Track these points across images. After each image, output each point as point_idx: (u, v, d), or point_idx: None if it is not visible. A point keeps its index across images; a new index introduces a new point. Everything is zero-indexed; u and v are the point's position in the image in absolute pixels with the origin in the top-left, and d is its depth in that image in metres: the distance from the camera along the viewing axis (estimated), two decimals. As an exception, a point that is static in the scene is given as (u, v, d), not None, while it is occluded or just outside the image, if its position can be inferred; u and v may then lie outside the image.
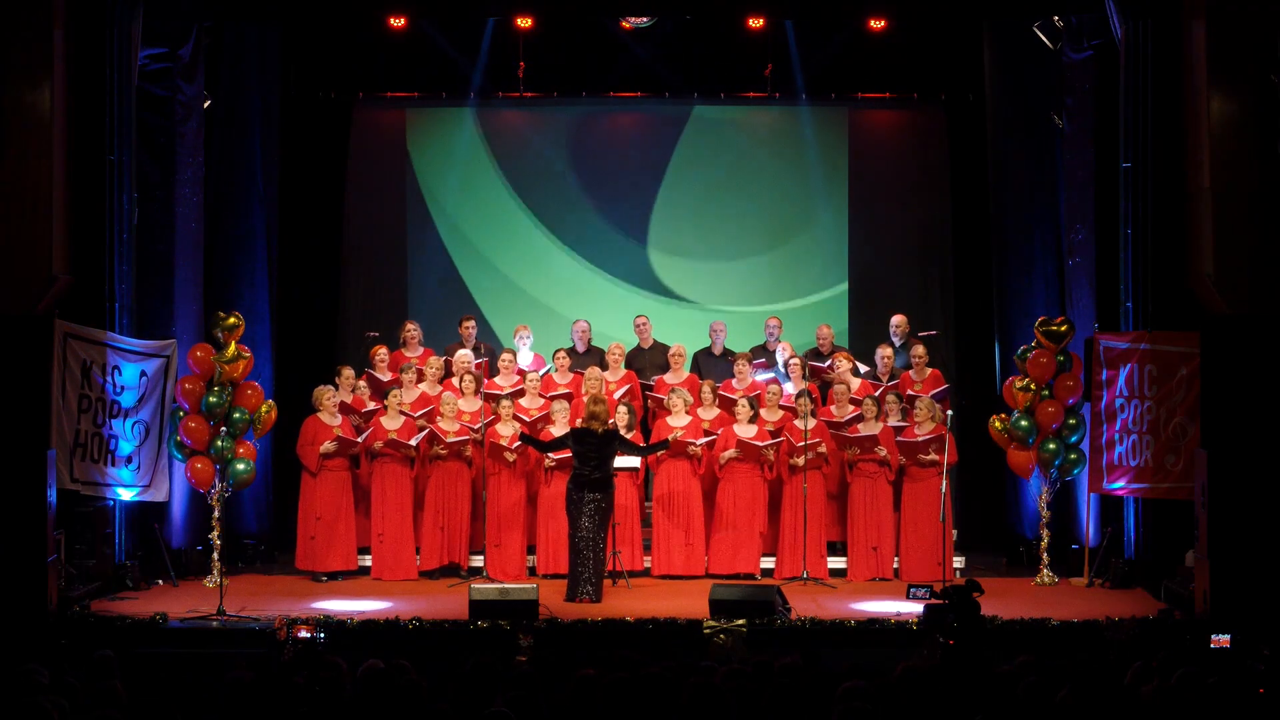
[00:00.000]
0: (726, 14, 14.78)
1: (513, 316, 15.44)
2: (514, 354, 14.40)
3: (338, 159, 15.86)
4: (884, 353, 14.40)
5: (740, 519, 13.57)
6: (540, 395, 14.00)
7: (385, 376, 14.18)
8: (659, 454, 13.44)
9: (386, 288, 16.05)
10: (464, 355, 14.19)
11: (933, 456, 13.34)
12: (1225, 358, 11.70)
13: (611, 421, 13.04)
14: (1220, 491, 11.57)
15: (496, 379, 14.20)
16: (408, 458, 13.60)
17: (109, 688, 7.54)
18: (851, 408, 13.78)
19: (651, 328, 14.91)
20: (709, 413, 13.84)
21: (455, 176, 16.09)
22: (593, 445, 12.76)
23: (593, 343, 14.83)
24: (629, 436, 13.44)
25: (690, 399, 13.82)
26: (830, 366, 14.24)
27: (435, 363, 14.21)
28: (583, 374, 14.00)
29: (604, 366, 14.29)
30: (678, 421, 13.69)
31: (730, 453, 13.51)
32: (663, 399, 13.95)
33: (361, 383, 14.06)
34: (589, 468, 12.74)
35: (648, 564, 13.71)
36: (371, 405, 13.90)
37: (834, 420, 13.69)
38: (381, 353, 14.37)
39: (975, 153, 15.50)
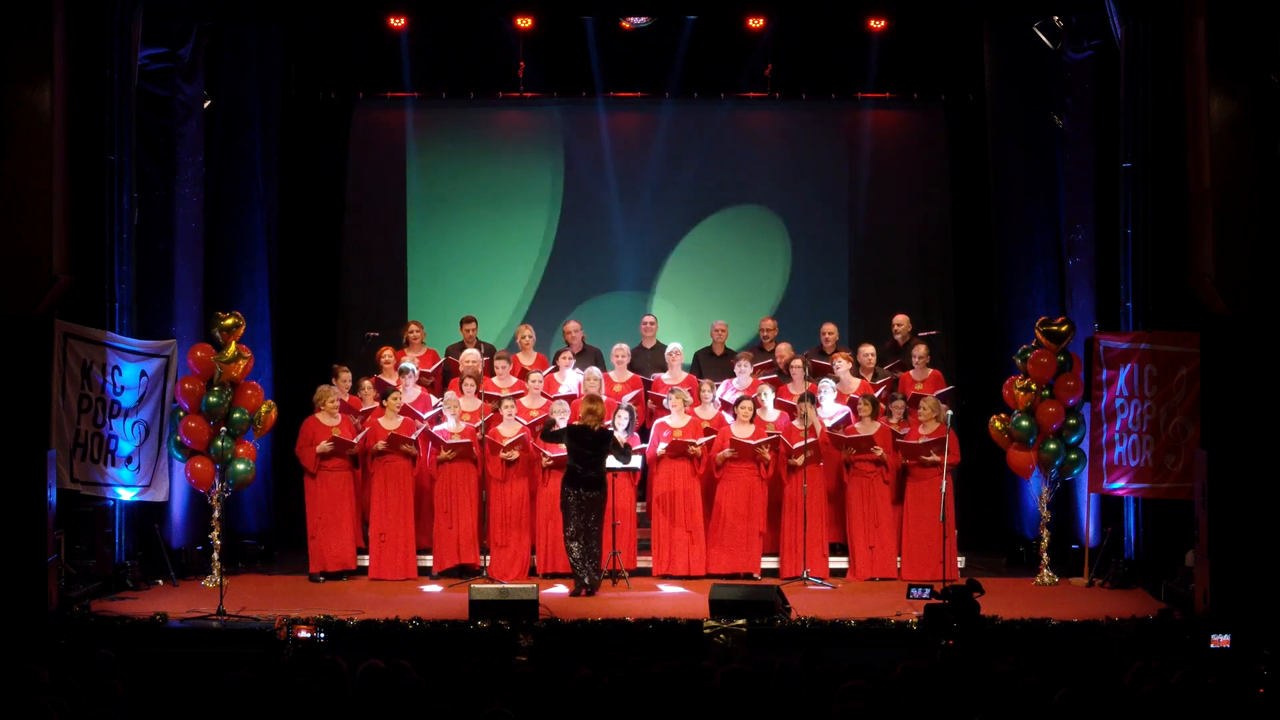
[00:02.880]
0: (726, 14, 14.78)
1: (512, 317, 15.43)
2: (509, 355, 14.37)
3: (338, 159, 15.85)
4: (866, 350, 14.39)
5: (738, 519, 13.57)
6: (542, 395, 14.00)
7: (393, 378, 14.16)
8: (632, 469, 13.44)
9: (386, 288, 16.05)
10: (470, 355, 14.17)
11: (934, 457, 13.34)
12: (1225, 358, 11.70)
13: (610, 422, 13.07)
14: (1220, 491, 11.57)
15: (494, 379, 14.19)
16: (409, 456, 13.61)
17: (109, 688, 7.54)
18: (839, 407, 13.77)
19: (657, 328, 14.90)
20: (708, 412, 13.84)
21: (455, 176, 16.09)
22: (588, 443, 12.81)
23: (587, 342, 14.80)
24: (626, 439, 13.47)
25: (689, 399, 13.82)
26: (831, 366, 14.24)
27: (415, 364, 14.16)
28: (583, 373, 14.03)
29: (603, 367, 14.30)
30: (676, 421, 13.68)
31: (726, 452, 13.52)
32: (662, 398, 13.97)
33: (367, 383, 14.04)
34: (583, 465, 12.81)
35: (645, 564, 13.71)
36: (369, 405, 13.90)
37: (832, 421, 13.69)
38: (387, 354, 14.35)
39: (975, 153, 15.49)
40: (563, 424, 13.34)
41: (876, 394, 13.91)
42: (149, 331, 13.60)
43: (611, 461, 13.27)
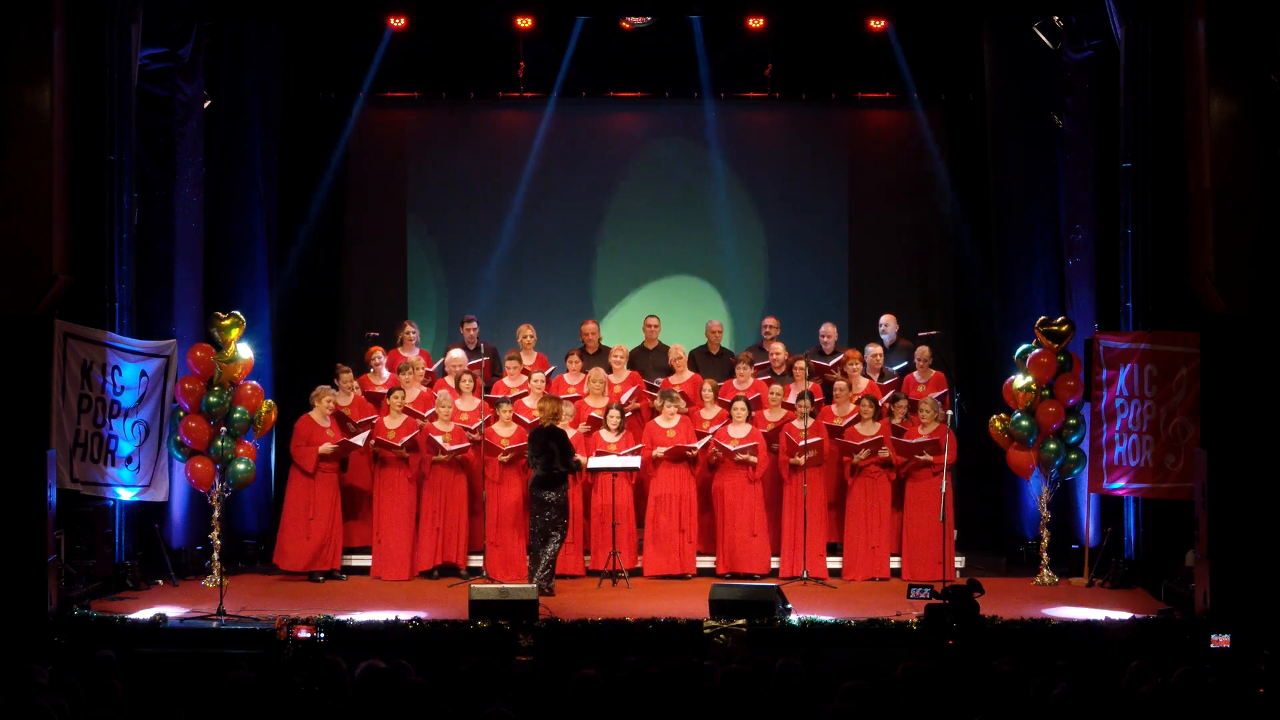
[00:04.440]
0: (726, 14, 14.78)
1: (512, 317, 15.43)
2: (519, 355, 14.37)
3: (338, 159, 15.83)
4: (873, 350, 14.40)
5: (735, 520, 13.56)
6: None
7: (382, 378, 14.16)
8: (630, 469, 13.48)
9: (386, 288, 16.05)
10: (457, 356, 14.18)
11: (927, 456, 13.35)
12: (1225, 358, 11.70)
13: (605, 418, 13.05)
14: (1220, 491, 11.57)
15: (504, 380, 14.18)
16: (400, 458, 13.60)
17: (109, 688, 7.54)
18: (852, 408, 13.79)
19: (660, 329, 14.89)
20: (710, 412, 13.84)
21: (455, 176, 16.09)
22: (536, 442, 12.93)
23: (602, 342, 14.78)
24: (618, 439, 13.47)
25: (681, 402, 13.80)
26: (835, 366, 14.25)
27: (417, 363, 14.18)
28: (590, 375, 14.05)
29: (608, 368, 14.30)
30: (667, 423, 13.68)
31: (714, 451, 13.54)
32: (654, 401, 13.99)
33: (355, 383, 14.04)
34: (534, 465, 12.95)
35: (644, 564, 13.73)
36: (372, 411, 13.90)
37: (833, 425, 13.68)
38: (377, 355, 14.35)
39: (975, 153, 15.49)
40: (565, 423, 13.40)
41: (884, 398, 13.92)
42: (149, 331, 13.60)
43: (612, 461, 13.29)
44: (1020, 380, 13.62)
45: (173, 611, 11.82)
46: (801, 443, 13.35)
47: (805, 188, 16.11)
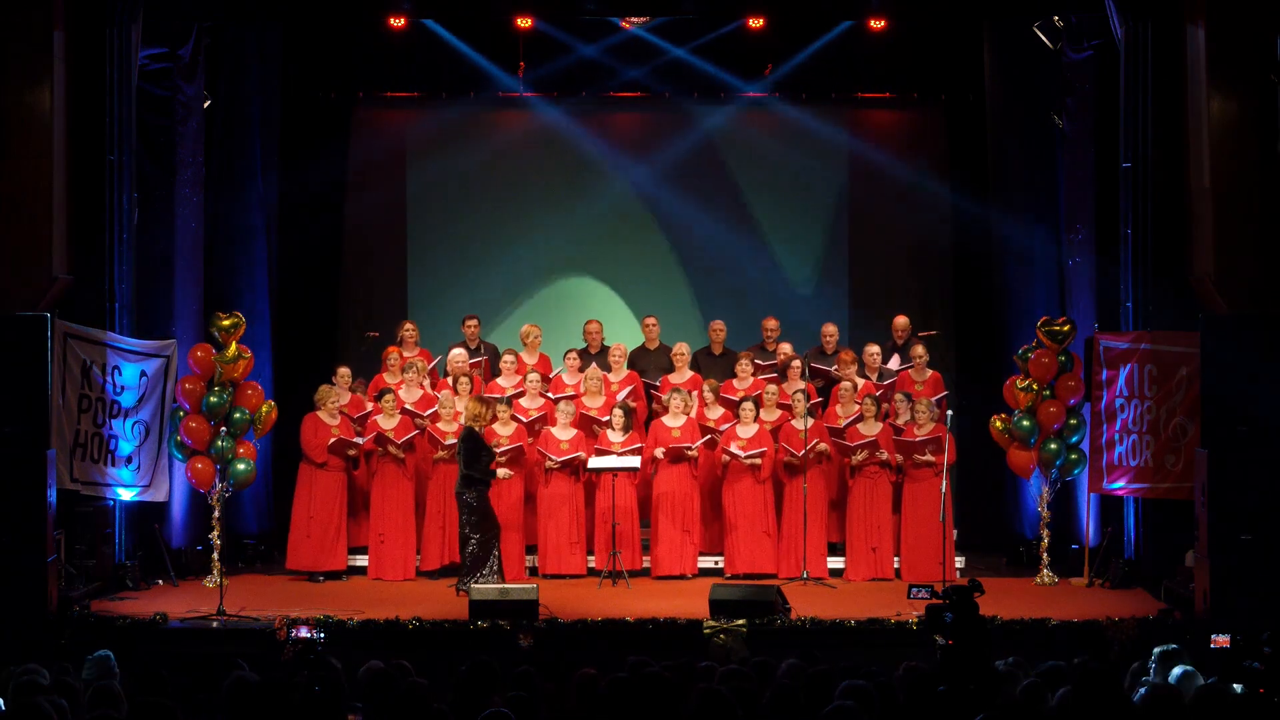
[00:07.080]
0: (726, 14, 14.78)
1: (512, 317, 15.43)
2: (516, 355, 14.35)
3: (338, 159, 15.85)
4: (872, 350, 14.39)
5: (743, 521, 13.56)
6: (540, 395, 13.98)
7: (398, 378, 14.15)
8: (631, 469, 13.44)
9: (386, 288, 16.05)
10: (458, 355, 14.17)
11: (929, 457, 13.34)
12: (1225, 358, 11.70)
13: (610, 416, 13.02)
14: (1220, 491, 11.57)
15: (499, 380, 14.17)
16: (397, 460, 13.59)
17: (109, 688, 7.54)
18: (855, 408, 13.78)
19: (659, 329, 14.88)
20: (713, 412, 13.83)
21: (455, 176, 16.09)
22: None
23: (605, 342, 14.77)
24: (625, 437, 13.47)
25: (691, 401, 13.79)
26: (829, 369, 14.24)
27: (419, 364, 14.17)
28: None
29: (607, 367, 14.29)
30: (674, 422, 13.68)
31: (725, 457, 13.54)
32: (664, 398, 13.97)
33: (354, 383, 14.03)
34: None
35: (647, 564, 13.72)
36: (369, 407, 13.89)
37: (834, 426, 13.68)
38: (394, 355, 14.32)
39: (975, 153, 15.50)
40: (561, 426, 13.40)
41: (878, 394, 13.91)
42: (149, 331, 13.60)
43: (611, 461, 13.28)
44: (1021, 380, 13.62)
45: (173, 611, 11.81)
46: (803, 451, 13.32)
47: (805, 188, 16.11)
